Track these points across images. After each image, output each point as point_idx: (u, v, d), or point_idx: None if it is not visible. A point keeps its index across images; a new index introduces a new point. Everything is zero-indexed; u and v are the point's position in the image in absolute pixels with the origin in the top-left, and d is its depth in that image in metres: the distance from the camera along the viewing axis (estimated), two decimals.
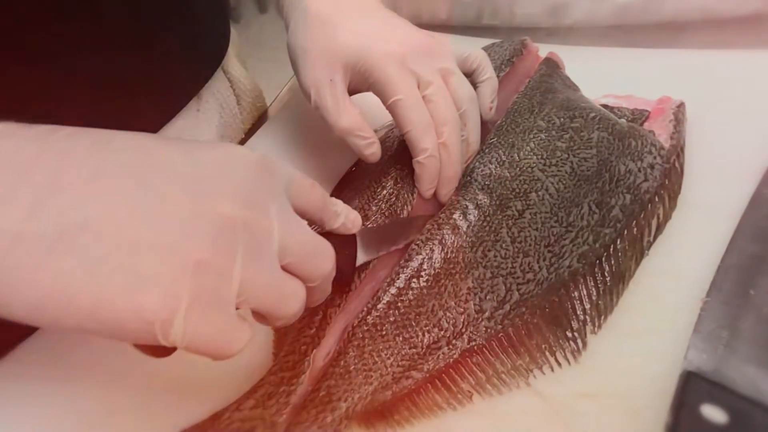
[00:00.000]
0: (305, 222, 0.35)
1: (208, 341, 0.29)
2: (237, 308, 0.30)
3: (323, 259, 0.35)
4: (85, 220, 0.27)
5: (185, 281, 0.28)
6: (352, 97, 0.49)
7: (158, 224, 0.28)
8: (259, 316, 0.33)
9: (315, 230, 0.37)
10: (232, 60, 0.70)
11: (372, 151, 0.49)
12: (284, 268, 0.33)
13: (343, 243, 0.40)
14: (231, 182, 0.31)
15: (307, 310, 0.36)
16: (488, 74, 0.51)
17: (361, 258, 0.42)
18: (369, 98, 0.49)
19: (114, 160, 0.29)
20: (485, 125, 0.51)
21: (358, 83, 0.48)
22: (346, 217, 0.40)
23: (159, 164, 0.30)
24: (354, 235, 0.42)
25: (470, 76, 0.51)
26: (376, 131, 0.59)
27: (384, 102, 0.47)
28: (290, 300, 0.33)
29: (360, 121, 0.48)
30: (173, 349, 0.30)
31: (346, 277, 0.42)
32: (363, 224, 0.47)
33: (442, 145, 0.46)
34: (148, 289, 0.27)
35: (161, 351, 0.31)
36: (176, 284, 0.27)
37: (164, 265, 0.27)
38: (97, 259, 0.27)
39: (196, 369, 0.39)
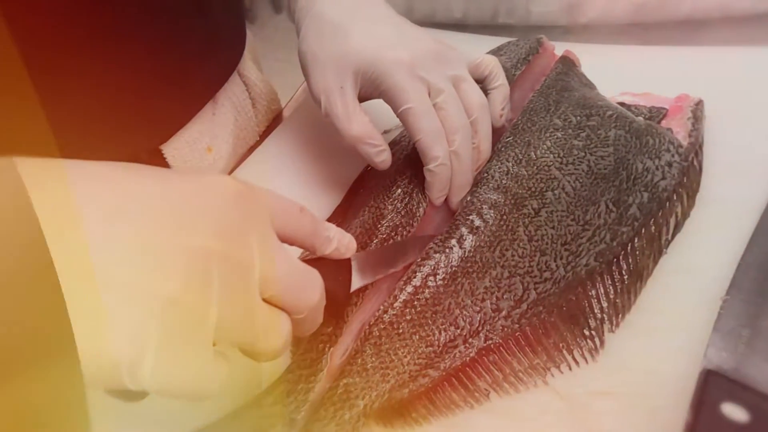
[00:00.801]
0: (292, 251, 0.33)
1: (182, 383, 0.27)
2: (215, 344, 0.28)
3: (310, 289, 0.33)
4: None
5: (154, 320, 0.26)
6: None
7: (126, 260, 0.26)
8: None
9: (307, 256, 0.36)
10: (247, 63, 0.70)
11: (382, 158, 0.48)
12: (267, 301, 0.31)
13: (336, 268, 0.39)
14: (207, 213, 0.29)
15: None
16: (500, 81, 0.51)
17: (356, 283, 0.41)
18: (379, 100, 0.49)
19: (83, 193, 0.26)
20: (497, 131, 0.50)
21: (369, 90, 0.48)
22: (339, 241, 0.38)
23: (131, 196, 0.28)
24: (348, 260, 0.40)
25: (482, 82, 0.51)
26: (389, 131, 0.60)
27: (394, 110, 0.47)
28: (273, 335, 0.31)
29: (370, 128, 0.48)
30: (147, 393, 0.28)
31: (340, 303, 0.40)
32: (379, 222, 0.48)
33: (453, 153, 0.46)
34: (113, 330, 0.25)
35: (133, 394, 0.29)
36: (144, 324, 0.25)
37: (131, 303, 0.25)
38: None
39: None
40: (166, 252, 0.27)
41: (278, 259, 0.31)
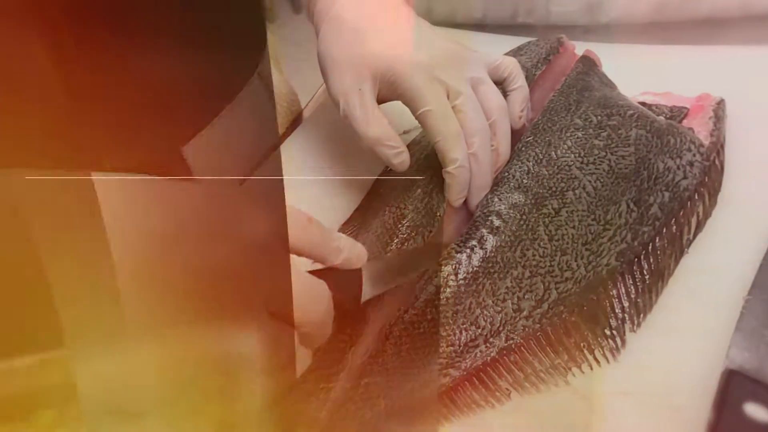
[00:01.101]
0: (297, 262, 0.33)
1: (183, 399, 0.27)
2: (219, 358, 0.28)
3: (316, 303, 0.33)
4: None
5: (155, 334, 0.26)
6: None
7: (131, 279, 0.26)
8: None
9: (316, 267, 0.36)
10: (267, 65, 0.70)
11: (400, 160, 0.48)
12: (272, 315, 0.31)
13: (347, 278, 0.39)
14: (214, 227, 0.29)
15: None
16: (519, 83, 0.50)
17: (367, 294, 0.40)
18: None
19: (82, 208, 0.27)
20: (516, 133, 0.50)
21: (387, 92, 0.48)
22: (349, 251, 0.37)
23: (140, 212, 0.28)
24: (359, 269, 0.40)
25: (500, 84, 0.51)
26: (409, 131, 0.60)
27: (413, 112, 0.47)
28: (278, 350, 0.31)
29: (389, 130, 0.48)
30: None
31: (350, 314, 0.40)
32: (400, 222, 0.48)
33: (472, 155, 0.46)
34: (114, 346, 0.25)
35: (133, 414, 0.28)
36: (145, 339, 0.26)
37: (134, 321, 0.25)
38: None
39: None
40: (170, 269, 0.27)
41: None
